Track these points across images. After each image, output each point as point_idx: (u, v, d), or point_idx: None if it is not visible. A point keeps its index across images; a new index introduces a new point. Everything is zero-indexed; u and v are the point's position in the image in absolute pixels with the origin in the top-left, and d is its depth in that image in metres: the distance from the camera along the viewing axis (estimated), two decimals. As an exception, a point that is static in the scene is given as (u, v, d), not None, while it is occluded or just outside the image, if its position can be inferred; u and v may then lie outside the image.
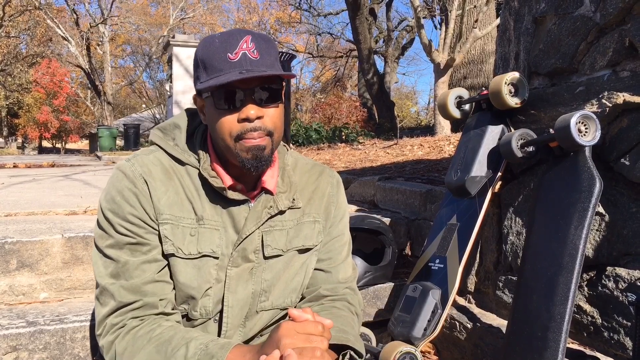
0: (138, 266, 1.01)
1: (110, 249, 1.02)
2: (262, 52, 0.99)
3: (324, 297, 1.18)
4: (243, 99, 0.98)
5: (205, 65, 0.99)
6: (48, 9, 20.67)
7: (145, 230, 1.03)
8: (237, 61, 0.97)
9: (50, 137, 28.18)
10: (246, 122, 0.98)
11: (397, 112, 15.39)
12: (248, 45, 0.98)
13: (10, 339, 1.45)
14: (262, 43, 0.99)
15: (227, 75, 0.96)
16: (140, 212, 1.02)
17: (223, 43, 0.98)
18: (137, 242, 1.02)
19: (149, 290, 1.02)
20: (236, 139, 0.99)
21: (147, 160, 1.06)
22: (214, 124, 1.01)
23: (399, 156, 5.43)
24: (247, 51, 0.97)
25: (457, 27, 8.28)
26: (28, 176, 4.71)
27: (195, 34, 18.27)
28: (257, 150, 1.00)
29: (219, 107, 0.99)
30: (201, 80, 1.00)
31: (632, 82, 1.46)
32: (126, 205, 1.02)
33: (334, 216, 1.20)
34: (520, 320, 1.49)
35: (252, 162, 1.00)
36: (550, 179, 1.57)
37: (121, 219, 1.02)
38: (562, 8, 1.73)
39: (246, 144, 0.99)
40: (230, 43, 0.98)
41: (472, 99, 2.00)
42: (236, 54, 0.97)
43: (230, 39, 0.98)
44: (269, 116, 1.00)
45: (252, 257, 1.10)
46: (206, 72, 0.99)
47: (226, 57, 0.97)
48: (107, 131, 14.12)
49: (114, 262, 1.02)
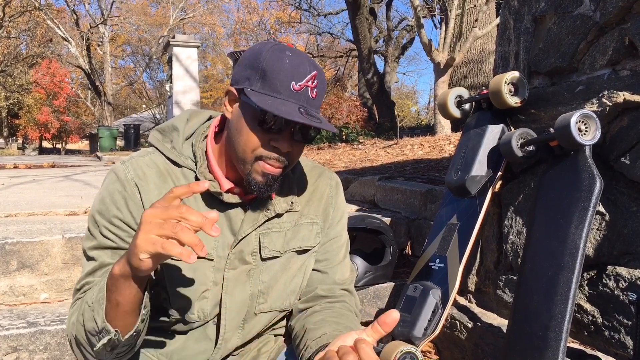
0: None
1: (93, 250, 1.02)
2: (320, 94, 0.99)
3: (321, 298, 1.18)
4: (284, 131, 0.97)
5: (265, 76, 0.96)
6: (48, 9, 20.68)
7: (127, 234, 1.02)
8: (298, 94, 0.96)
9: (50, 137, 28.23)
10: (275, 152, 0.98)
11: (397, 112, 15.38)
12: (313, 82, 0.97)
13: (10, 339, 1.45)
14: (322, 84, 1.00)
15: (286, 104, 0.94)
16: (125, 216, 1.02)
17: (292, 67, 0.96)
18: (118, 246, 1.02)
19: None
20: (257, 158, 0.99)
21: (142, 163, 1.06)
22: (240, 131, 0.99)
23: (399, 156, 5.43)
24: (309, 88, 0.97)
25: (457, 27, 8.27)
26: (28, 177, 4.72)
27: (195, 34, 18.27)
28: (272, 180, 1.00)
29: (259, 124, 0.97)
30: (253, 86, 0.97)
31: (632, 81, 1.46)
32: (113, 208, 1.02)
33: (332, 218, 1.20)
34: (521, 319, 1.49)
35: (262, 187, 1.00)
36: (551, 178, 1.57)
37: (106, 221, 1.02)
38: (561, 7, 1.73)
39: (264, 169, 0.98)
40: (299, 72, 0.96)
41: (472, 98, 2.00)
42: (300, 86, 0.96)
43: (300, 68, 0.96)
44: (295, 152, 1.01)
45: (249, 259, 1.09)
46: (263, 82, 0.96)
47: (290, 84, 0.95)
48: (107, 131, 14.12)
49: (94, 262, 1.02)
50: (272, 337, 1.21)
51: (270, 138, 0.97)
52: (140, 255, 0.80)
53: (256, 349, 1.18)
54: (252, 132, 0.97)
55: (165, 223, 0.79)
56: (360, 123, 11.53)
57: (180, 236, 0.78)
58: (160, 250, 0.78)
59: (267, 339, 1.20)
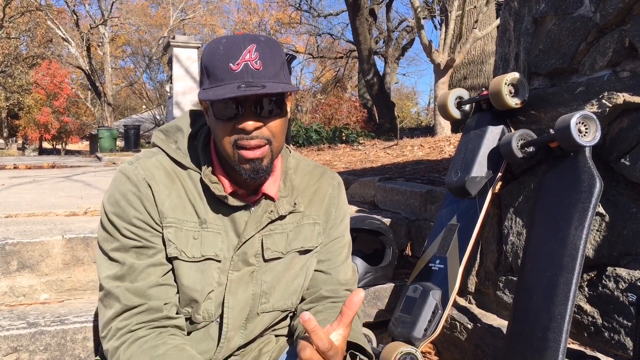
0: (143, 269, 1.01)
1: (116, 252, 1.02)
2: (265, 62, 0.96)
3: (325, 299, 1.18)
4: (242, 111, 0.97)
5: (208, 73, 0.98)
6: (48, 10, 20.68)
7: (150, 234, 1.03)
8: (238, 72, 0.95)
9: (50, 138, 28.22)
10: (243, 133, 0.97)
11: (397, 113, 15.38)
12: (251, 55, 0.96)
13: (11, 340, 1.45)
14: (266, 52, 0.97)
15: (226, 87, 0.94)
16: (145, 216, 1.02)
17: (226, 51, 0.96)
18: (142, 245, 1.02)
19: (153, 294, 1.01)
20: (235, 146, 0.99)
21: (150, 164, 1.06)
22: (215, 131, 1.02)
23: (399, 157, 5.43)
24: (249, 62, 0.95)
25: (457, 28, 8.27)
26: (28, 177, 4.72)
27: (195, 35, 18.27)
28: (256, 163, 0.99)
29: (218, 117, 0.99)
30: (204, 86, 0.99)
31: (632, 82, 1.46)
32: (131, 209, 1.01)
33: (334, 218, 1.20)
34: (521, 320, 1.49)
35: (251, 173, 1.00)
36: (551, 180, 1.57)
37: (127, 223, 1.01)
38: (562, 8, 1.73)
39: (245, 156, 0.98)
40: (233, 52, 0.96)
41: (472, 99, 2.00)
42: (238, 64, 0.95)
43: (234, 48, 0.96)
44: (268, 126, 0.99)
45: (253, 260, 1.10)
46: (209, 79, 0.98)
47: (228, 67, 0.95)
48: (107, 132, 14.12)
49: (119, 265, 1.01)
50: (273, 337, 1.22)
51: (234, 123, 0.98)
52: None
53: (258, 349, 1.18)
54: (219, 126, 0.99)
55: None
56: (360, 124, 11.54)
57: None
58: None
59: (269, 339, 1.20)
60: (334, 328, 0.88)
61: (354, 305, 0.86)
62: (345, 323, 0.88)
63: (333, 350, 0.85)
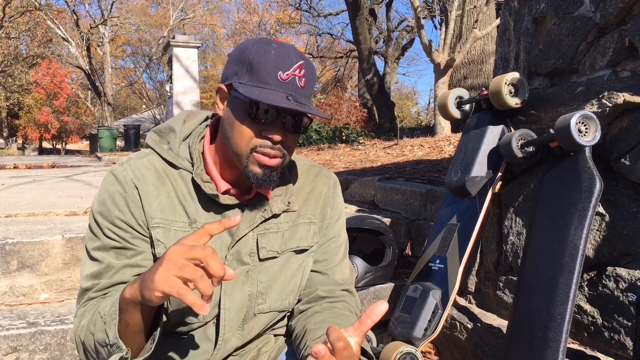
0: (120, 269, 1.02)
1: (97, 251, 1.03)
2: (308, 83, 1.00)
3: (322, 299, 1.18)
4: (275, 120, 0.98)
5: (252, 69, 0.98)
6: (48, 10, 20.68)
7: (131, 235, 1.03)
8: (285, 83, 0.97)
9: (50, 138, 28.24)
10: (267, 141, 0.98)
11: (397, 113, 15.38)
12: (300, 71, 0.98)
13: (10, 339, 1.45)
14: (310, 74, 1.00)
15: (274, 93, 0.95)
16: (127, 217, 1.02)
17: (278, 58, 0.97)
18: (122, 246, 1.03)
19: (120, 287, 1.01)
20: (252, 150, 0.99)
21: (140, 164, 1.06)
22: (232, 126, 1.00)
23: (399, 156, 5.43)
24: (297, 77, 0.98)
25: (457, 28, 8.27)
26: (28, 177, 4.72)
27: (195, 35, 18.28)
28: (269, 171, 1.00)
29: (250, 116, 0.98)
30: (241, 80, 0.98)
31: (632, 82, 1.46)
32: (115, 210, 1.02)
33: (330, 217, 1.20)
34: (521, 320, 1.49)
35: (260, 178, 1.00)
36: (551, 179, 1.57)
37: (109, 223, 1.02)
38: (562, 8, 1.73)
39: (260, 160, 0.99)
40: (285, 61, 0.97)
41: (472, 99, 2.01)
42: (288, 75, 0.97)
43: (286, 58, 0.97)
44: (289, 141, 1.01)
45: (247, 259, 1.09)
46: (250, 75, 0.98)
47: (277, 74, 0.96)
48: (107, 132, 14.12)
49: (99, 264, 1.02)
50: (272, 337, 1.21)
51: (262, 129, 0.98)
52: (155, 293, 0.80)
53: (256, 349, 1.18)
54: (244, 125, 0.98)
55: (187, 266, 0.79)
56: (360, 124, 11.53)
57: (198, 284, 0.78)
58: (175, 294, 0.79)
59: (267, 339, 1.20)
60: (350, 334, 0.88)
61: (376, 316, 0.85)
62: (362, 331, 0.87)
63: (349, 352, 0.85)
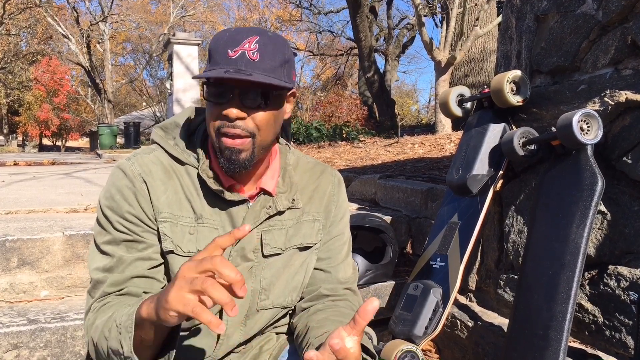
0: (131, 262, 1.02)
1: (107, 245, 1.03)
2: (263, 55, 0.97)
3: (325, 297, 1.18)
4: (223, 94, 0.98)
5: (210, 56, 1.00)
6: (48, 6, 20.65)
7: (141, 229, 1.03)
8: (233, 59, 0.96)
9: (50, 135, 28.23)
10: (225, 120, 0.98)
11: (398, 111, 15.38)
12: (250, 45, 0.97)
13: (11, 336, 1.45)
14: (268, 46, 0.98)
15: (217, 71, 0.96)
16: (137, 211, 1.03)
17: (229, 39, 0.98)
18: (133, 239, 1.03)
19: (135, 282, 1.02)
20: (217, 134, 1.00)
21: (147, 160, 1.06)
22: (207, 114, 1.04)
23: (399, 154, 5.42)
24: (247, 51, 0.96)
25: (458, 25, 8.26)
26: (29, 174, 4.71)
27: (195, 32, 18.24)
28: (233, 153, 0.99)
29: (207, 99, 1.00)
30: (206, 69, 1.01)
31: (634, 80, 1.46)
32: (124, 204, 1.02)
33: (334, 215, 1.20)
34: (522, 318, 1.49)
35: (226, 163, 1.00)
36: (552, 178, 1.57)
37: (119, 217, 1.02)
38: (564, 6, 1.72)
39: (225, 143, 0.99)
40: (234, 40, 0.98)
41: (474, 97, 2.00)
42: (235, 51, 0.96)
43: (237, 36, 0.98)
44: (253, 117, 0.99)
45: (251, 256, 1.10)
46: (210, 62, 1.00)
47: (226, 52, 0.97)
48: (107, 129, 14.11)
49: (109, 257, 1.02)
50: (274, 335, 1.21)
51: (220, 109, 0.98)
52: (170, 312, 0.80)
53: (258, 346, 1.18)
54: (208, 110, 1.01)
55: (196, 279, 0.78)
56: (360, 121, 11.54)
57: (210, 292, 0.77)
58: (190, 313, 0.77)
59: (269, 337, 1.20)
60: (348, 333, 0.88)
61: (368, 315, 0.86)
62: (358, 331, 0.88)
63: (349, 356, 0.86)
